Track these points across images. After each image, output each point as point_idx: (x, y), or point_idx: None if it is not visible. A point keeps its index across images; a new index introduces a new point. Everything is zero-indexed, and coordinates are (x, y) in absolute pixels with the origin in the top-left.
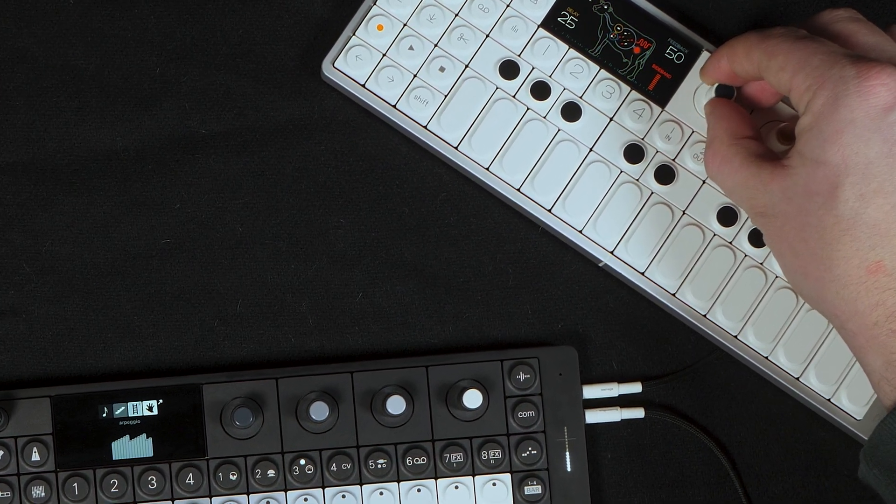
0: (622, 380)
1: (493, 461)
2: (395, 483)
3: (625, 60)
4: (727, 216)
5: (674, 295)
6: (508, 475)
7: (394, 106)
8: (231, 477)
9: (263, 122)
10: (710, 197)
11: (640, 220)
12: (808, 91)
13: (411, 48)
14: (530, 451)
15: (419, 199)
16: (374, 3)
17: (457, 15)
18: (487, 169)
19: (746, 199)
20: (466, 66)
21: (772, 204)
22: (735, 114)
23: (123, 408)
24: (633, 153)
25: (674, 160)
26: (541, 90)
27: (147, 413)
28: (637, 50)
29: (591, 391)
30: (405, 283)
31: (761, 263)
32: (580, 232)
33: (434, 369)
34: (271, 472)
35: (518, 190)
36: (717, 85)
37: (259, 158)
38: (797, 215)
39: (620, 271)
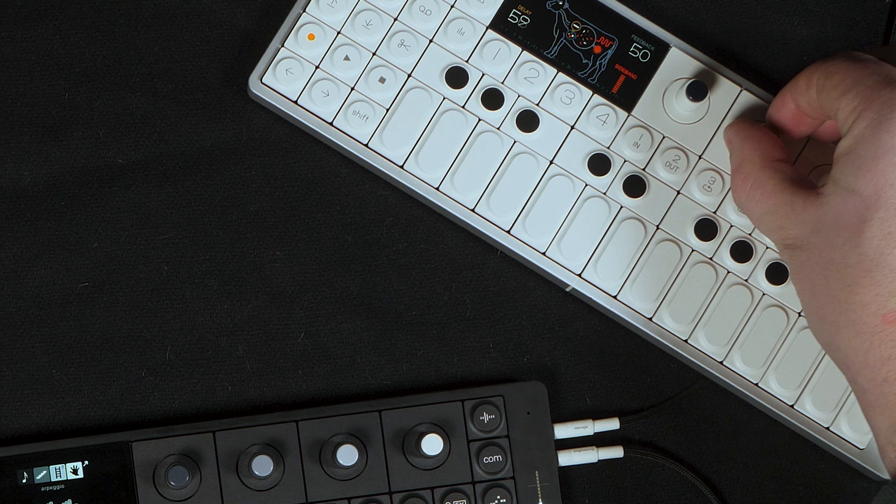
0: (597, 416)
1: None
2: None
3: (584, 61)
4: (706, 229)
5: (650, 319)
6: None
7: (330, 123)
8: None
9: (186, 148)
10: (686, 209)
11: (610, 237)
12: (854, 112)
13: (347, 58)
14: (499, 500)
15: (363, 225)
16: (304, 10)
17: (396, 19)
18: (437, 189)
19: (776, 228)
20: (409, 76)
21: (802, 235)
22: (765, 135)
23: (45, 472)
24: (599, 164)
25: (644, 170)
26: (493, 98)
27: (72, 476)
28: (598, 49)
29: (563, 430)
30: (352, 319)
31: (746, 280)
32: (543, 254)
33: (388, 414)
34: None
35: (473, 211)
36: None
37: (183, 188)
38: (823, 250)
39: (590, 296)
